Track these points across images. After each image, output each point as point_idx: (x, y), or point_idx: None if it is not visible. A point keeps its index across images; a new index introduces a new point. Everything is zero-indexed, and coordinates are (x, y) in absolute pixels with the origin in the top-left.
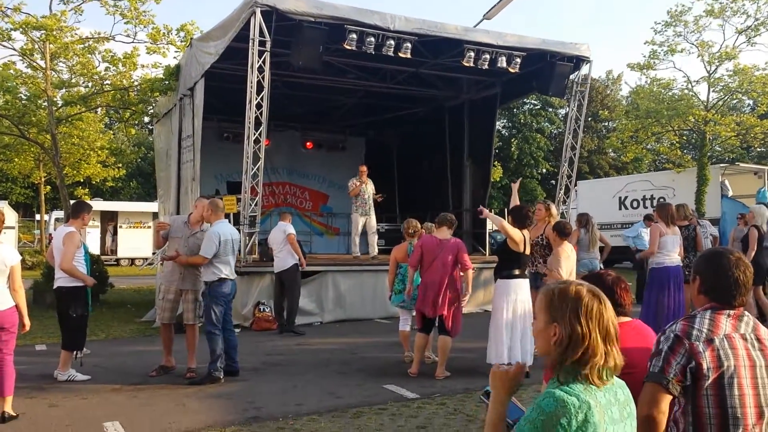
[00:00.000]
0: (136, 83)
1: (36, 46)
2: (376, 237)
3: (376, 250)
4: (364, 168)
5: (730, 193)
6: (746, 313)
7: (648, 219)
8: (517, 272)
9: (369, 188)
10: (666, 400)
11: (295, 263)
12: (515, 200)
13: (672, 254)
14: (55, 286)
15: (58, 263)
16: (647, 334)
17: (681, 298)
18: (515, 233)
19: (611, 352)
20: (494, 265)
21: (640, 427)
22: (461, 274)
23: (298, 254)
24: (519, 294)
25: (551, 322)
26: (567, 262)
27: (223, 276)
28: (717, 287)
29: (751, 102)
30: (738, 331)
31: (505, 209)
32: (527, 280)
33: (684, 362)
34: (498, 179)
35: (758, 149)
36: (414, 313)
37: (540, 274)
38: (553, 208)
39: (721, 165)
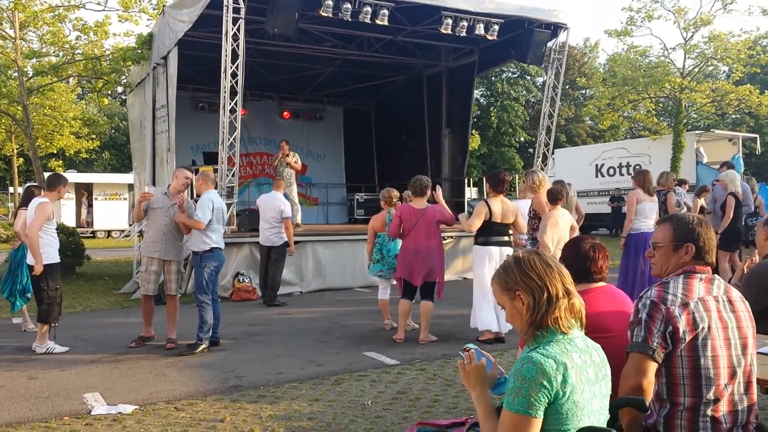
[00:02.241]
0: (108, 52)
1: (5, 15)
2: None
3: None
4: (283, 143)
5: (705, 160)
6: (717, 276)
7: (681, 183)
8: (494, 239)
9: (292, 161)
10: (653, 369)
11: (286, 241)
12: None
13: (649, 220)
14: (29, 262)
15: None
16: (621, 299)
17: None
18: (465, 223)
19: (572, 293)
20: (471, 233)
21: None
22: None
23: (290, 241)
24: (493, 261)
25: (514, 296)
26: (553, 229)
27: (214, 245)
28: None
29: (726, 69)
30: (711, 294)
31: (483, 178)
32: (507, 248)
33: (662, 328)
34: (476, 148)
35: (733, 116)
36: (393, 282)
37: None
38: (536, 176)
39: (697, 132)
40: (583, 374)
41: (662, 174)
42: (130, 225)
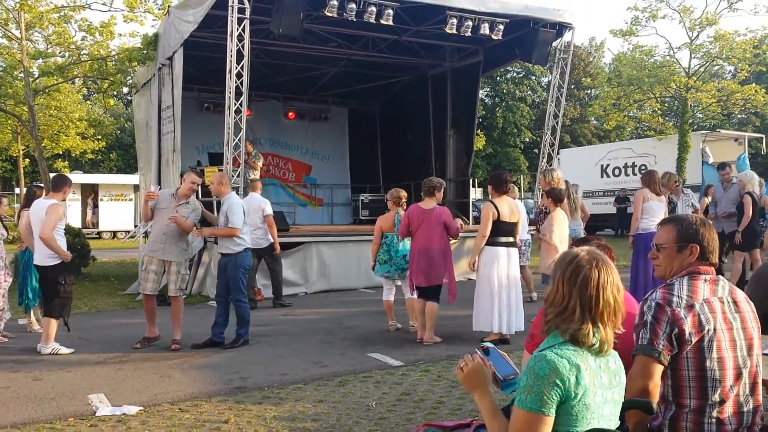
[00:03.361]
0: (113, 53)
1: (11, 16)
2: None
3: None
4: (247, 143)
5: (711, 160)
6: (721, 277)
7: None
8: (501, 240)
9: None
10: (659, 372)
11: (271, 243)
12: None
13: (657, 219)
14: (38, 263)
15: (37, 233)
16: (627, 301)
17: None
18: (483, 227)
19: (598, 326)
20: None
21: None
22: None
23: (274, 239)
24: (501, 261)
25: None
26: (559, 228)
27: (247, 246)
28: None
29: (732, 68)
30: (716, 295)
31: (487, 179)
32: (513, 249)
33: (668, 330)
34: (481, 148)
35: (739, 116)
36: (399, 283)
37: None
38: (555, 173)
39: (702, 132)
40: (597, 378)
41: (664, 174)
42: (135, 226)
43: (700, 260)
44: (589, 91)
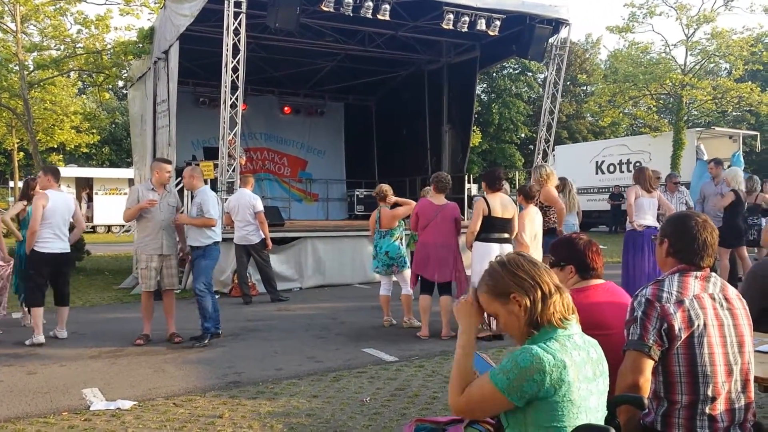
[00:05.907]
0: (109, 46)
1: (6, 8)
2: None
3: None
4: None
5: (706, 157)
6: (713, 274)
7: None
8: (494, 236)
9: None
10: (649, 367)
11: (263, 239)
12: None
13: (647, 216)
14: (66, 252)
15: (81, 226)
16: (621, 296)
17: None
18: (473, 222)
19: (562, 288)
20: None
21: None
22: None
23: (266, 235)
24: (493, 257)
25: (508, 299)
26: (531, 225)
27: (217, 239)
28: (684, 249)
29: (727, 66)
30: (706, 292)
31: (481, 175)
32: (507, 245)
33: (658, 325)
34: (477, 144)
35: (734, 113)
36: (395, 278)
37: None
38: (543, 170)
39: (697, 129)
40: (581, 372)
41: (669, 176)
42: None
43: (671, 256)
44: (584, 88)
